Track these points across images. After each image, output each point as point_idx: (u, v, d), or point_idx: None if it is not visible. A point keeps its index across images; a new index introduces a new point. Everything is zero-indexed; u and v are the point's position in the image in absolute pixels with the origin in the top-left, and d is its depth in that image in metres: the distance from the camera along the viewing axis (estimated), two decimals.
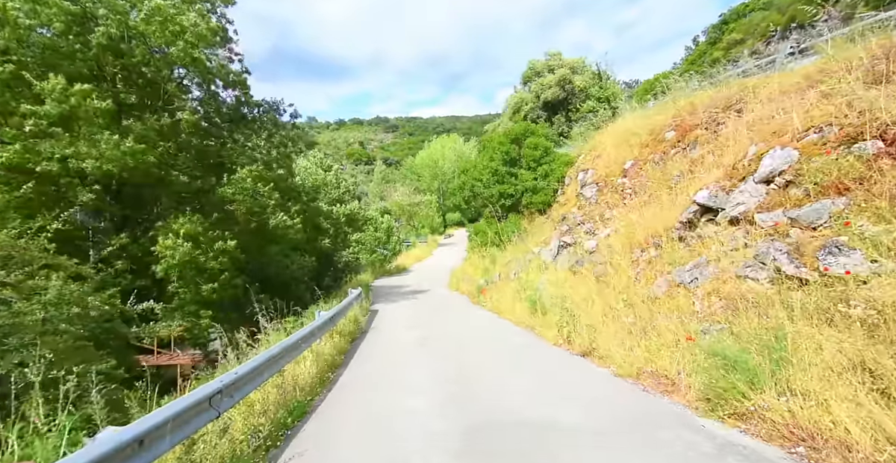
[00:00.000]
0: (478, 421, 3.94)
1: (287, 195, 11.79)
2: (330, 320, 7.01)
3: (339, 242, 20.16)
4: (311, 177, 20.43)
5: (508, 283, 11.65)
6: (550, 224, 14.97)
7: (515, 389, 4.79)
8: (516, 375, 5.30)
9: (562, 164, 16.50)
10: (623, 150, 11.32)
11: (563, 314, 6.89)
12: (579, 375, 5.15)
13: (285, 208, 10.79)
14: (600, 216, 10.21)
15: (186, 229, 8.41)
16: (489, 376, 5.37)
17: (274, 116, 11.58)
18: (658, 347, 4.75)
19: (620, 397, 4.27)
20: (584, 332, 6.27)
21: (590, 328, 6.15)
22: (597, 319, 6.41)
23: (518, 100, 23.21)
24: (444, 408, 4.36)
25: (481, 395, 4.70)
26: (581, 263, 8.92)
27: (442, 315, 10.49)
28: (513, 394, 4.67)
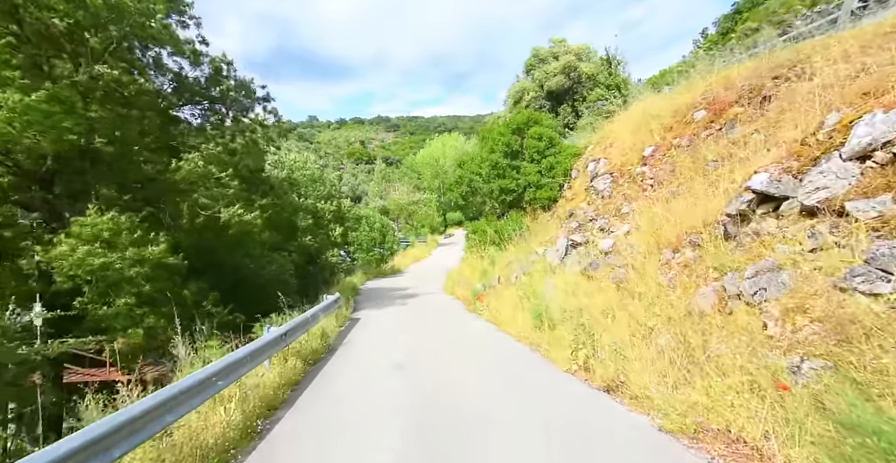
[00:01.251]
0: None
1: (253, 187, 10.35)
2: (281, 338, 5.60)
3: (326, 241, 18.76)
4: (299, 171, 19.04)
5: (509, 287, 10.23)
6: (556, 221, 13.56)
7: (520, 455, 3.38)
8: (520, 428, 3.86)
9: (568, 156, 15.07)
10: (641, 136, 9.89)
11: (577, 331, 5.47)
12: (608, 426, 3.71)
13: (248, 201, 9.35)
14: (616, 211, 8.78)
15: (89, 230, 6.88)
16: (482, 429, 3.93)
17: (240, 98, 10.09)
18: (723, 389, 3.32)
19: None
20: (606, 356, 4.85)
21: (615, 353, 4.72)
22: (622, 339, 4.99)
23: (520, 89, 21.76)
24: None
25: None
26: (596, 265, 7.49)
27: (431, 327, 9.03)
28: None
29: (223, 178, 8.58)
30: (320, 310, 7.78)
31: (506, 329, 8.00)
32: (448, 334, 8.20)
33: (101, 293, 7.36)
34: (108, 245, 7.10)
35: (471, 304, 11.26)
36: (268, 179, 11.57)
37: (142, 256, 7.50)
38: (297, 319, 6.44)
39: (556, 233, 12.63)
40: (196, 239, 9.68)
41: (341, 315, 10.10)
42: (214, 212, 8.59)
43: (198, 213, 8.49)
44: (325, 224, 19.00)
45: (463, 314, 10.33)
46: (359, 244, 27.68)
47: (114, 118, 7.44)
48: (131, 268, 7.64)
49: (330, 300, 9.17)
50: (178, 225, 8.61)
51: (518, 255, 12.86)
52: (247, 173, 9.80)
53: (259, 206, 9.28)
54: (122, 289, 7.91)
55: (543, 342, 6.45)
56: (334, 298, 9.63)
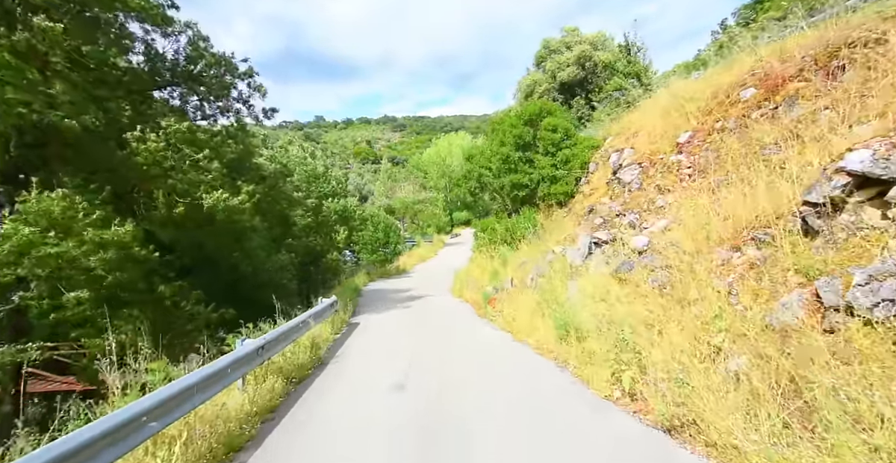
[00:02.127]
0: None
1: (240, 173, 9.40)
2: (257, 354, 4.65)
3: (330, 243, 17.86)
4: (300, 166, 18.15)
5: (524, 291, 9.22)
6: (573, 218, 12.52)
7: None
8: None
9: (585, 149, 14.02)
10: (673, 122, 8.83)
11: (617, 347, 4.46)
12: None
13: (233, 187, 8.40)
14: (648, 204, 7.73)
15: (34, 208, 5.89)
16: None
17: (220, 74, 9.11)
18: (869, 456, 2.27)
19: None
20: (659, 381, 3.83)
21: (673, 378, 3.70)
22: (677, 360, 3.96)
23: (531, 82, 20.71)
24: None
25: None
26: (629, 266, 6.45)
27: (437, 335, 8.03)
28: None
29: (200, 160, 7.62)
30: (311, 316, 6.85)
31: (523, 339, 6.99)
32: (457, 345, 7.21)
33: (54, 287, 6.45)
34: (62, 230, 6.19)
35: (481, 308, 10.27)
36: (258, 166, 10.60)
37: (103, 238, 6.55)
38: (279, 329, 5.49)
39: (573, 230, 11.61)
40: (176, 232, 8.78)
41: (339, 320, 9.17)
42: (195, 199, 7.64)
43: (175, 201, 7.57)
44: (329, 224, 18.12)
45: (473, 320, 9.33)
46: (364, 244, 26.87)
47: (79, 95, 6.56)
48: (90, 255, 6.67)
49: (325, 304, 8.23)
50: (154, 215, 7.67)
51: (532, 254, 11.83)
52: (232, 157, 8.86)
53: (246, 191, 8.32)
54: (77, 281, 6.92)
55: (571, 357, 5.43)
56: (330, 302, 8.70)
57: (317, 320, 7.15)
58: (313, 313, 7.07)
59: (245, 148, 9.42)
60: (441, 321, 9.36)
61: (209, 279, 12.19)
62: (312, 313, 7.02)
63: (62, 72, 6.56)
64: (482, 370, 5.62)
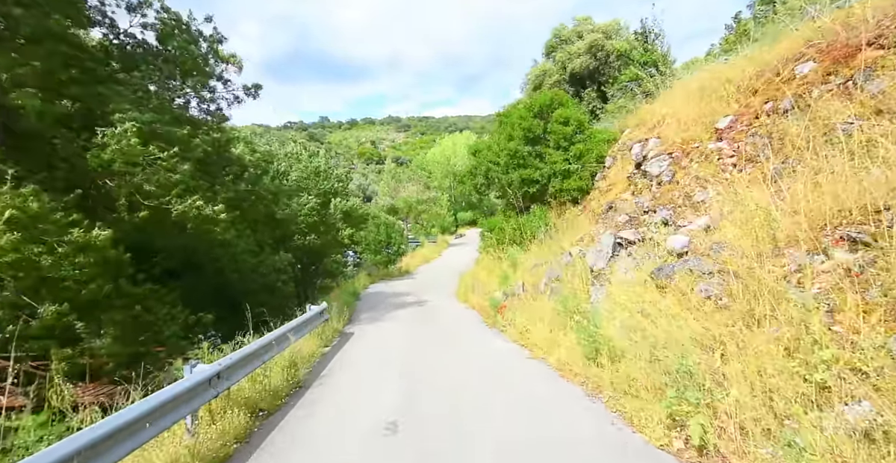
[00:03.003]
0: None
1: (216, 171, 8.40)
2: (209, 384, 3.64)
3: (333, 241, 16.94)
4: (296, 163, 17.22)
5: (538, 297, 8.22)
6: (589, 216, 11.52)
7: None
8: None
9: (600, 142, 13.00)
10: (708, 107, 7.81)
11: (673, 378, 3.45)
12: None
13: (209, 192, 7.41)
14: (684, 199, 6.70)
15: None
16: None
17: (185, 43, 7.90)
18: None
19: None
20: (742, 433, 2.82)
21: (774, 435, 2.69)
22: (765, 402, 2.95)
23: (540, 72, 19.67)
24: None
25: None
26: (668, 271, 5.42)
27: (440, 350, 6.99)
28: None
29: (164, 160, 6.59)
30: (291, 330, 5.87)
31: (541, 356, 5.99)
32: (463, 363, 6.19)
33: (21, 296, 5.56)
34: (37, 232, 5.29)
35: (489, 316, 9.28)
36: (239, 159, 9.61)
37: (80, 242, 5.66)
38: (243, 351, 4.45)
39: (590, 229, 10.61)
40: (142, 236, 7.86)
41: (330, 329, 8.21)
42: (161, 203, 6.68)
43: (139, 203, 6.63)
44: (332, 222, 17.20)
45: (481, 330, 8.32)
46: (367, 245, 26.05)
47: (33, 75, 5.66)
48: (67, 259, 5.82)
49: (312, 313, 7.27)
50: (117, 217, 6.73)
51: (545, 256, 10.84)
52: (209, 151, 7.82)
53: (224, 198, 7.35)
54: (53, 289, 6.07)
55: (605, 384, 4.43)
56: (318, 310, 7.74)
57: (298, 334, 6.17)
58: (293, 326, 6.07)
59: (223, 137, 8.43)
60: (445, 332, 8.36)
61: (194, 284, 11.30)
62: (292, 327, 6.02)
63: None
64: (495, 401, 4.63)
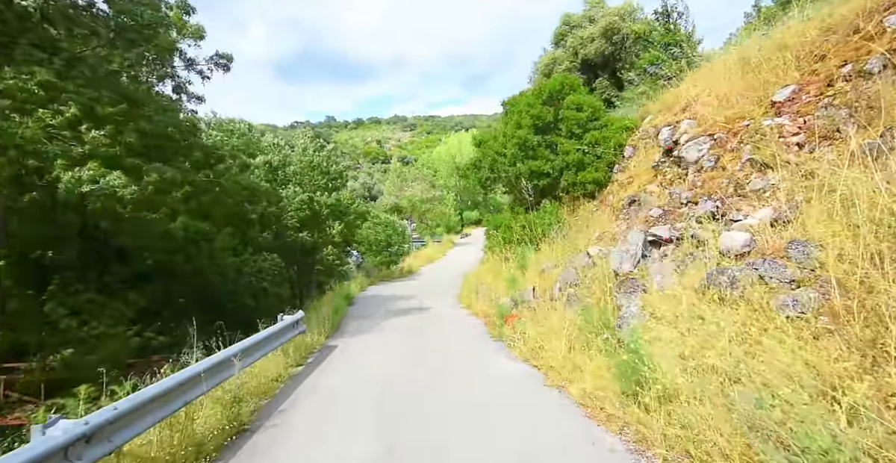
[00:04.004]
0: None
1: (165, 158, 7.10)
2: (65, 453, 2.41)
3: (325, 238, 15.83)
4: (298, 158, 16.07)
5: (554, 306, 6.99)
6: (608, 212, 10.28)
7: None
8: None
9: (618, 130, 11.73)
10: (756, 79, 6.52)
11: (777, 445, 2.23)
12: None
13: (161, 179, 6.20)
14: (737, 187, 5.43)
15: None
16: None
17: (135, 7, 6.70)
18: None
19: None
20: None
21: None
22: None
23: (549, 60, 18.38)
24: None
25: None
26: (726, 278, 4.16)
27: (436, 372, 5.62)
28: None
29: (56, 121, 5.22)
30: (242, 351, 4.66)
31: (560, 383, 4.76)
32: (463, 393, 4.87)
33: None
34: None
35: (495, 326, 8.07)
36: (205, 147, 8.34)
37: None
38: (145, 393, 3.15)
39: (609, 226, 9.39)
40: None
41: (307, 343, 7.06)
42: (53, 176, 5.40)
43: (30, 180, 5.40)
44: (320, 218, 16.09)
45: (485, 345, 7.07)
46: (368, 245, 25.04)
47: None
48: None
49: (280, 326, 6.10)
50: None
51: (558, 257, 9.61)
52: (156, 132, 6.56)
53: (158, 178, 6.09)
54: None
55: (655, 437, 3.20)
56: (291, 321, 6.58)
57: (260, 352, 5.03)
58: (244, 347, 4.89)
59: (173, 117, 7.18)
60: (443, 347, 7.11)
61: (168, 287, 10.26)
62: (241, 348, 4.83)
63: None
64: (503, 459, 3.40)
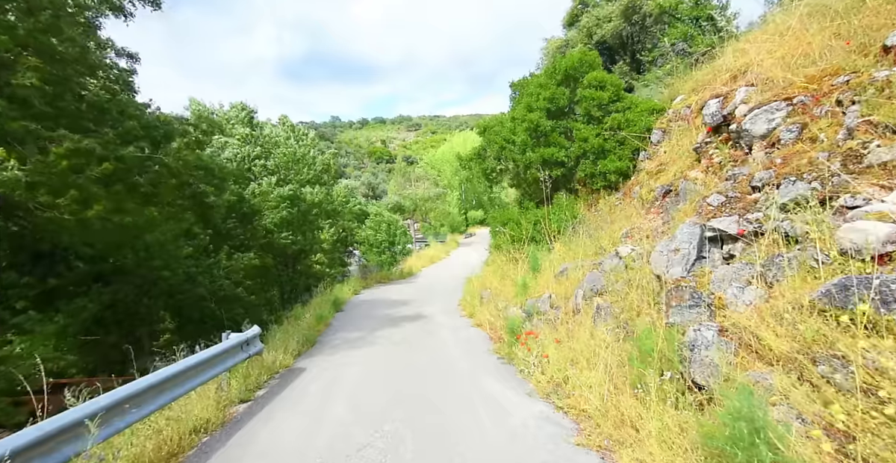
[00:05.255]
0: None
1: (81, 116, 5.65)
2: None
3: (312, 239, 14.39)
4: (281, 149, 14.69)
5: (579, 320, 5.49)
6: (635, 205, 8.79)
7: None
8: None
9: (644, 113, 10.21)
10: (844, 26, 4.98)
11: None
12: None
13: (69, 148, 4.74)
14: (845, 162, 3.89)
15: None
16: None
17: None
18: None
19: None
20: None
21: None
22: None
23: (561, 44, 16.81)
24: None
25: None
26: (867, 293, 2.62)
27: (427, 417, 4.22)
28: None
29: None
30: (110, 405, 3.10)
31: (603, 444, 3.25)
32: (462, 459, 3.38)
33: None
34: None
35: (503, 342, 6.56)
36: (128, 110, 6.66)
37: None
38: None
39: (639, 222, 7.89)
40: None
41: (264, 368, 5.58)
42: None
43: None
44: (310, 220, 14.66)
45: (493, 371, 5.51)
46: (369, 245, 23.66)
47: None
48: None
49: (216, 350, 4.59)
50: None
51: (577, 258, 8.10)
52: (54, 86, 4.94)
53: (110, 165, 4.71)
54: None
55: None
56: (240, 340, 5.11)
57: (168, 394, 3.59)
58: (131, 393, 3.39)
59: (86, 57, 5.61)
60: (438, 375, 5.54)
61: (127, 290, 8.86)
62: (122, 397, 3.32)
63: None
64: None
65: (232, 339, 4.98)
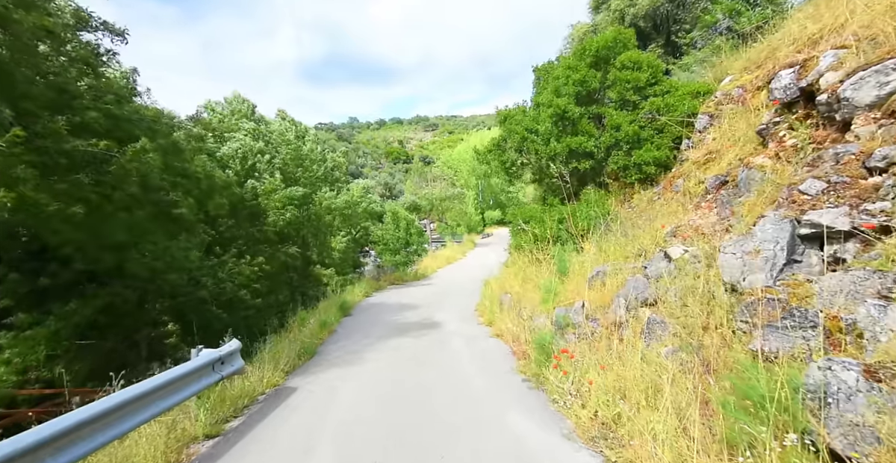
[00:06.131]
0: None
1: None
2: None
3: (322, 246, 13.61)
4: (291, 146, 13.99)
5: (623, 336, 4.44)
6: (678, 199, 7.66)
7: None
8: None
9: (685, 97, 9.04)
10: None
11: None
12: None
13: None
14: None
15: None
16: None
17: None
18: None
19: None
20: None
21: None
22: None
23: (588, 29, 15.62)
24: None
25: None
26: None
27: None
28: None
29: None
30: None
31: None
32: None
33: None
34: None
35: (529, 359, 5.53)
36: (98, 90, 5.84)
37: None
38: None
39: (686, 218, 6.77)
40: None
41: (244, 392, 4.69)
42: None
43: None
44: (321, 226, 13.89)
45: (519, 399, 4.41)
46: (385, 244, 22.80)
47: None
48: None
49: (179, 372, 3.71)
50: None
51: (613, 259, 7.00)
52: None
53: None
54: None
55: None
56: (213, 357, 4.23)
57: (113, 430, 2.75)
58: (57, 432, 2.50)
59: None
60: (452, 399, 4.54)
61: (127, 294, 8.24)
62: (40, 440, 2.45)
63: None
64: None
65: (202, 357, 4.13)
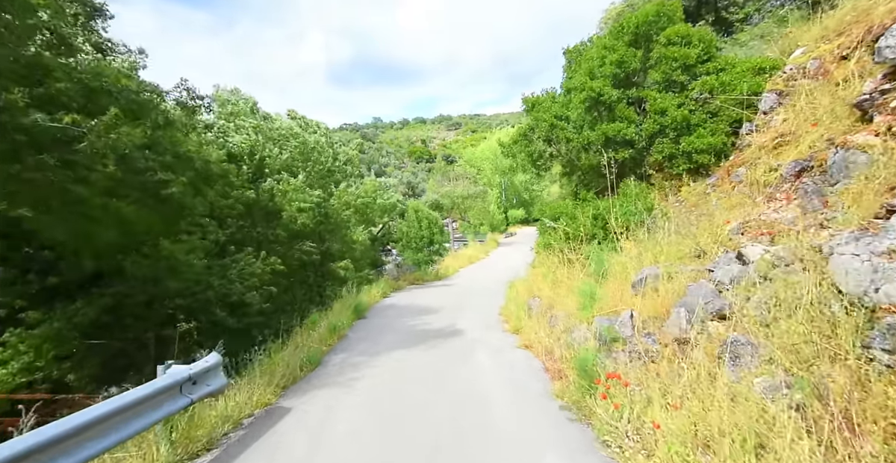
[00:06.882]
0: None
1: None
2: None
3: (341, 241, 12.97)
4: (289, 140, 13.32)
5: (695, 361, 3.43)
6: (742, 189, 6.56)
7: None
8: None
9: (745, 74, 7.85)
10: None
11: None
12: None
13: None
14: None
15: None
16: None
17: None
18: None
19: None
20: None
21: None
22: None
23: (622, 11, 14.40)
24: None
25: None
26: None
27: None
28: None
29: None
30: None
31: None
32: None
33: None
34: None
35: (566, 380, 4.60)
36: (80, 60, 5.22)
37: None
38: None
39: (756, 211, 5.73)
40: None
41: (222, 416, 3.91)
42: None
43: None
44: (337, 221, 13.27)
45: (558, 439, 3.42)
46: (406, 242, 22.12)
47: None
48: None
49: (134, 397, 2.97)
50: None
51: (664, 260, 5.94)
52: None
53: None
54: None
55: None
56: (183, 375, 3.47)
57: None
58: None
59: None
60: (479, 438, 3.62)
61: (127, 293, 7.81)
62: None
63: None
64: None
65: (167, 376, 3.41)
